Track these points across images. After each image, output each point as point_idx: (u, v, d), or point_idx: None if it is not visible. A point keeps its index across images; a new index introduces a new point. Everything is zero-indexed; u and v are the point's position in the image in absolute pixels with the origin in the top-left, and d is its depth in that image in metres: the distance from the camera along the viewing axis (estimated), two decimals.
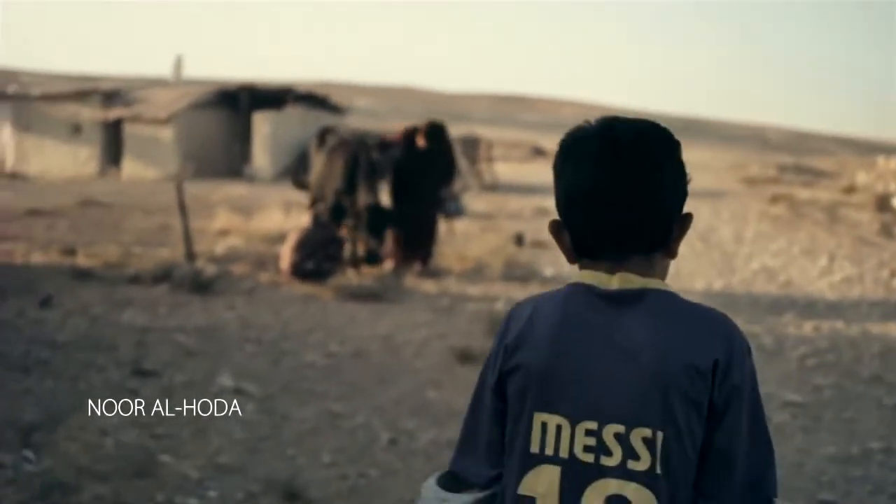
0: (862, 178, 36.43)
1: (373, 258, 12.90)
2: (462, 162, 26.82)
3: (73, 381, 7.56)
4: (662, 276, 2.05)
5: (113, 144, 38.25)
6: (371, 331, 9.83)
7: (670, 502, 1.91)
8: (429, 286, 12.51)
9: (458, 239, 17.34)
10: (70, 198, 22.27)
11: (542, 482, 1.95)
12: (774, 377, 8.60)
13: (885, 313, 11.77)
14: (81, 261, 13.01)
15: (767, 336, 10.17)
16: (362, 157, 13.01)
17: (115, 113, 37.94)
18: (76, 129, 38.90)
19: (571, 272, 2.08)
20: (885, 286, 13.83)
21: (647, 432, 1.89)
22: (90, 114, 38.50)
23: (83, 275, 11.96)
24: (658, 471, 1.89)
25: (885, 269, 15.16)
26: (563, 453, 1.94)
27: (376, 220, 12.81)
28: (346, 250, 13.01)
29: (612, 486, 1.90)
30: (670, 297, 1.99)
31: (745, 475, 1.95)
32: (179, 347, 8.80)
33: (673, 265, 2.12)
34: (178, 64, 50.60)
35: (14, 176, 38.44)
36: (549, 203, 17.84)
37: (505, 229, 18.96)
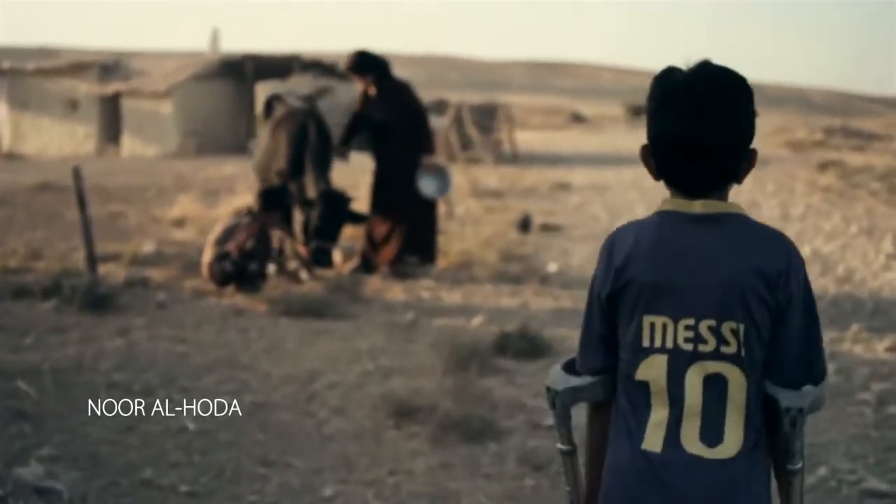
0: None
1: (322, 258, 10.28)
2: (473, 132, 24.25)
3: None
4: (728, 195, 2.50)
5: (112, 120, 35.90)
6: (293, 366, 7.31)
7: (748, 378, 2.40)
8: (396, 292, 9.96)
9: (454, 223, 14.79)
10: (33, 180, 19.91)
11: (654, 368, 2.44)
12: (844, 438, 6.01)
13: None
14: None
15: (830, 364, 7.55)
16: (311, 130, 10.42)
17: (112, 87, 35.54)
18: (73, 105, 36.58)
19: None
20: None
21: (734, 325, 2.38)
22: (87, 88, 36.13)
23: None
24: (743, 353, 2.39)
25: None
26: (669, 344, 2.43)
27: (333, 211, 10.23)
28: (289, 248, 10.51)
29: (710, 366, 2.40)
30: (744, 219, 2.46)
31: (799, 358, 2.42)
32: (14, 404, 6.30)
33: None
34: (215, 38, 48.48)
35: (10, 156, 36.27)
36: (572, 176, 15.10)
37: (514, 209, 16.41)
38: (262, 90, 32.53)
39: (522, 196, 19.31)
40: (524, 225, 14.37)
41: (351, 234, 11.53)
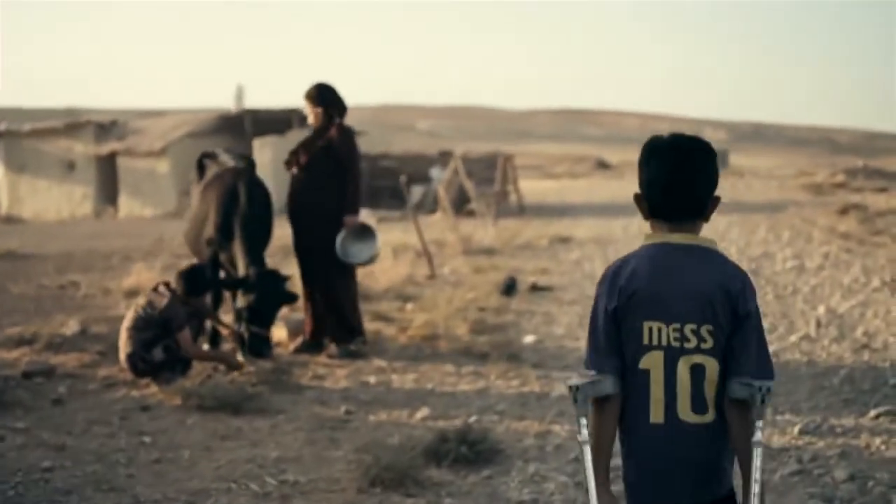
0: None
1: (259, 348, 8.90)
2: (468, 184, 22.95)
3: None
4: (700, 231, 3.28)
5: (109, 180, 34.81)
6: (175, 485, 5.92)
7: (720, 365, 3.13)
8: (338, 377, 8.60)
9: (433, 286, 13.47)
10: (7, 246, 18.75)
11: (653, 360, 3.17)
12: None
13: None
14: None
15: (840, 467, 6.10)
16: (242, 192, 9.10)
17: (107, 147, 34.49)
18: (70, 166, 35.53)
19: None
20: None
21: (709, 327, 3.12)
22: (83, 149, 35.11)
23: None
24: (716, 349, 3.13)
25: None
26: (663, 343, 3.16)
27: (268, 295, 8.88)
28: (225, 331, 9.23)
29: (694, 358, 3.14)
30: (713, 252, 3.22)
31: (758, 358, 3.15)
32: None
33: None
34: (240, 94, 47.91)
35: (9, 219, 35.26)
36: (576, 228, 13.49)
37: (505, 268, 15.09)
38: (261, 145, 31.44)
39: (518, 252, 17.99)
40: (508, 288, 13.00)
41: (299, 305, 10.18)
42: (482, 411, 7.47)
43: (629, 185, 43.77)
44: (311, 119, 9.44)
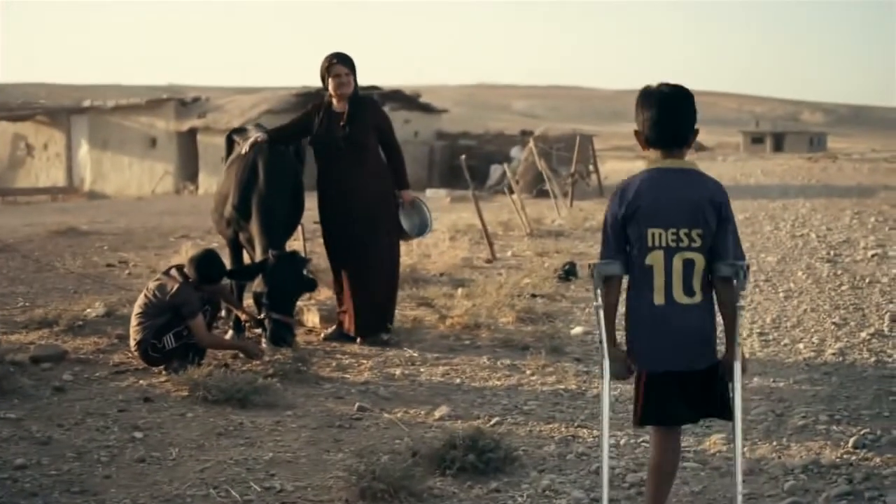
0: None
1: (282, 336, 8.34)
2: (541, 165, 22.20)
3: None
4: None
5: (190, 157, 34.77)
6: (150, 489, 5.38)
7: (706, 260, 4.22)
8: (362, 369, 8.03)
9: (487, 272, 12.86)
10: (74, 222, 18.59)
11: (655, 258, 4.20)
12: None
13: None
14: None
15: None
16: (262, 167, 8.58)
17: (187, 123, 34.41)
18: (152, 143, 35.57)
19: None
20: None
21: (699, 230, 4.18)
22: (164, 125, 35.12)
23: None
24: (702, 247, 4.19)
25: None
26: (663, 244, 4.19)
27: (284, 280, 8.30)
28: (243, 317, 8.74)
29: (686, 255, 4.19)
30: (698, 172, 4.29)
31: (734, 247, 4.26)
32: None
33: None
34: None
35: (92, 195, 35.43)
36: None
37: (569, 252, 14.43)
38: None
39: (587, 235, 17.29)
40: (567, 273, 12.32)
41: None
42: (508, 411, 6.85)
43: (722, 167, 42.77)
44: (343, 89, 8.75)
